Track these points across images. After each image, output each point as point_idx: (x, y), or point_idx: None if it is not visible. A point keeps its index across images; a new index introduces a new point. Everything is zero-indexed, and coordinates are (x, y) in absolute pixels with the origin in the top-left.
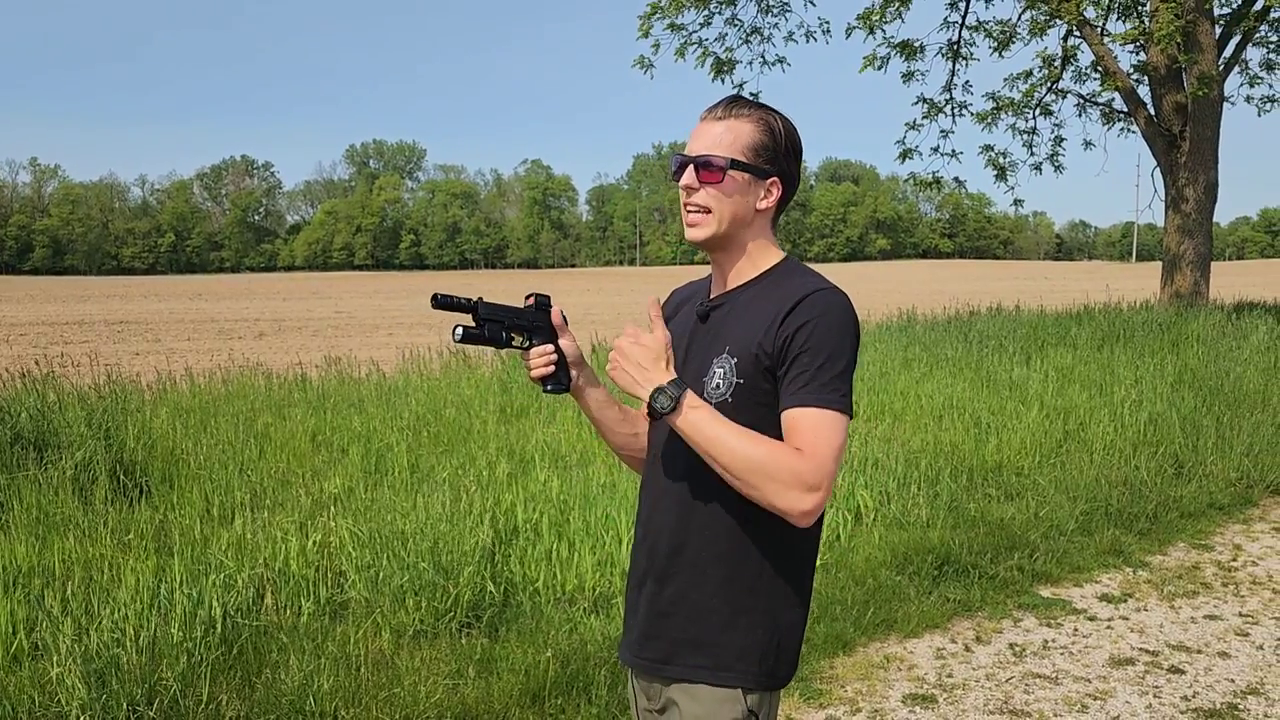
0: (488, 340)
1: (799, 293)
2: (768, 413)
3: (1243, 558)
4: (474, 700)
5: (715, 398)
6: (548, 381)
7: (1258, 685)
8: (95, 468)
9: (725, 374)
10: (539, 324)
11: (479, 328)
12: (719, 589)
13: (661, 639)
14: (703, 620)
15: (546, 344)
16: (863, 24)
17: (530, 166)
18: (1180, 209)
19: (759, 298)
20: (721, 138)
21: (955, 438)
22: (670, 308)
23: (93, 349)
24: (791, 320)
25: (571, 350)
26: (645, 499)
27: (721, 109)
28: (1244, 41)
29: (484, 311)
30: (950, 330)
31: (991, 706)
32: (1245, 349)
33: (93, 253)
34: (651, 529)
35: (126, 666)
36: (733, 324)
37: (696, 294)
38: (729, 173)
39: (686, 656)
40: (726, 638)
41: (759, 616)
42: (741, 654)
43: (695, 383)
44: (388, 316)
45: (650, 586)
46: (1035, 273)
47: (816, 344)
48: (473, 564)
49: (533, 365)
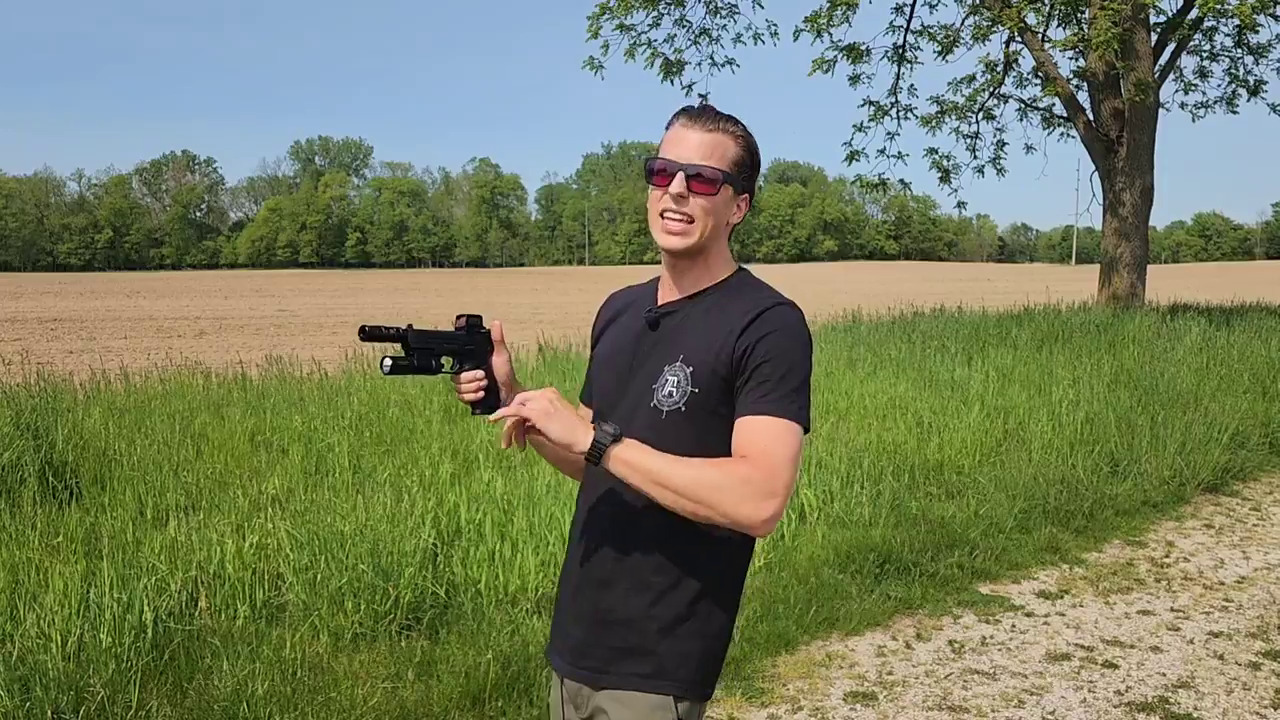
0: (418, 369)
1: (759, 306)
2: (720, 423)
3: (1175, 554)
4: (413, 703)
5: (667, 405)
6: (477, 406)
7: (1188, 679)
8: (23, 469)
9: (679, 382)
10: (470, 347)
11: (409, 357)
12: (660, 597)
13: (600, 646)
14: (643, 628)
15: (477, 369)
16: (810, 27)
17: (479, 165)
18: (1118, 213)
19: (715, 308)
20: (713, 149)
21: (898, 437)
22: (609, 312)
23: (24, 347)
24: (752, 332)
25: (503, 371)
26: (583, 503)
27: (710, 120)
28: (1179, 49)
29: (414, 340)
30: (894, 331)
31: (931, 703)
32: (1179, 350)
33: (27, 249)
34: (590, 534)
35: (52, 673)
36: (688, 333)
37: (639, 299)
38: (721, 186)
39: (625, 665)
40: (666, 645)
41: (698, 624)
42: (681, 661)
43: (644, 390)
44: (332, 315)
45: (588, 593)
46: (978, 274)
47: (777, 357)
48: (414, 565)
49: (462, 390)
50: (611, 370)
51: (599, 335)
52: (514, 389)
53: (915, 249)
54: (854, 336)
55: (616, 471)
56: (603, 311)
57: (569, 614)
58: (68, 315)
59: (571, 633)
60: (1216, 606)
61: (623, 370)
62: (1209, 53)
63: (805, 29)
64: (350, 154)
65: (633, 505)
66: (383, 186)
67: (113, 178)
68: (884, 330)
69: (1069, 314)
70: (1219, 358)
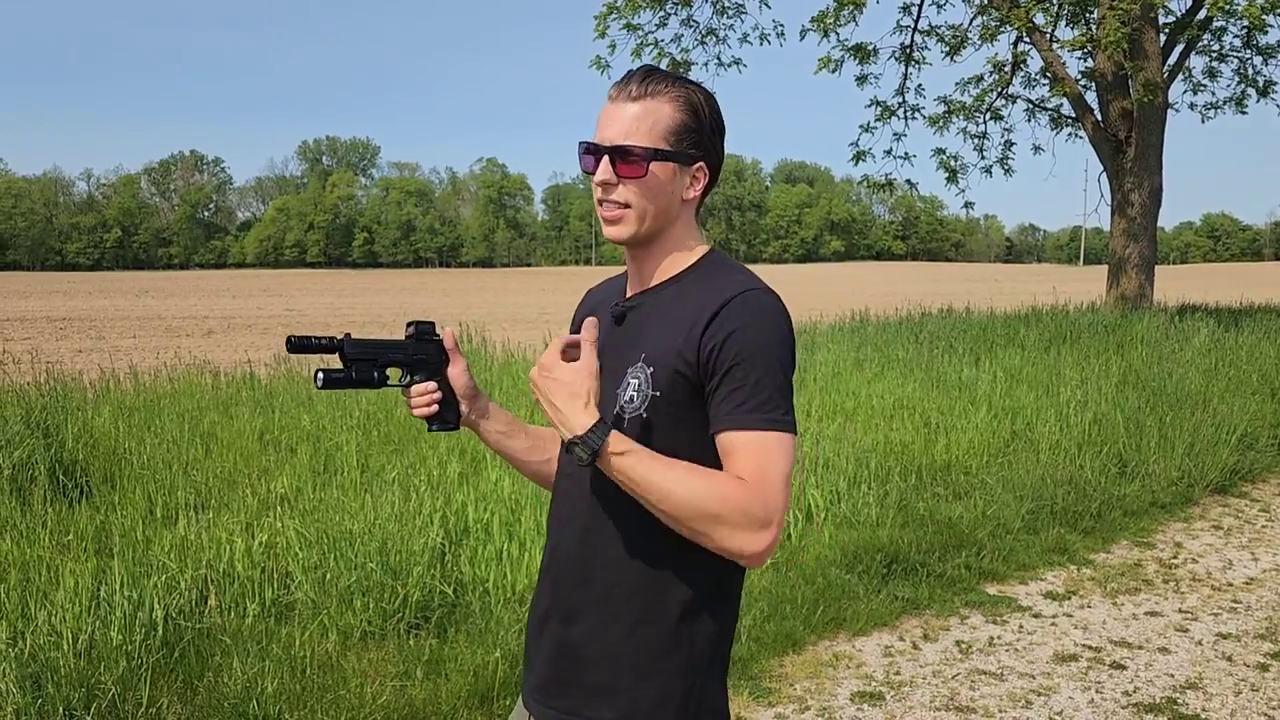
0: (357, 382)
1: (723, 294)
2: (687, 430)
3: (1183, 555)
4: (421, 702)
5: (629, 412)
6: (432, 421)
7: (1196, 680)
8: (34, 467)
9: (640, 385)
10: (420, 356)
11: (346, 369)
12: (632, 629)
13: (571, 686)
14: (615, 665)
15: (429, 380)
16: (817, 27)
17: (485, 165)
18: (1126, 213)
19: (679, 297)
20: (639, 122)
21: (905, 437)
22: (585, 310)
23: (34, 346)
24: (718, 327)
25: (461, 381)
26: (552, 526)
27: (635, 86)
28: (1188, 49)
29: (351, 350)
30: (902, 331)
31: (938, 703)
32: (1187, 351)
33: (36, 248)
34: (557, 559)
35: (64, 670)
36: (650, 328)
37: (614, 293)
38: (651, 165)
39: (597, 707)
40: (642, 686)
41: (679, 660)
42: (660, 704)
43: (609, 393)
44: (339, 315)
45: (555, 625)
46: (986, 275)
47: (750, 355)
48: (422, 564)
49: (414, 404)
50: None
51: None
52: (476, 400)
53: (922, 249)
54: (861, 337)
55: (608, 467)
56: (580, 307)
57: (535, 645)
58: (77, 314)
59: (540, 666)
60: (1225, 608)
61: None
62: (1218, 53)
63: (812, 29)
64: (357, 154)
65: (601, 525)
66: (390, 186)
67: (121, 177)
68: (891, 331)
69: (1077, 315)
70: (1228, 359)
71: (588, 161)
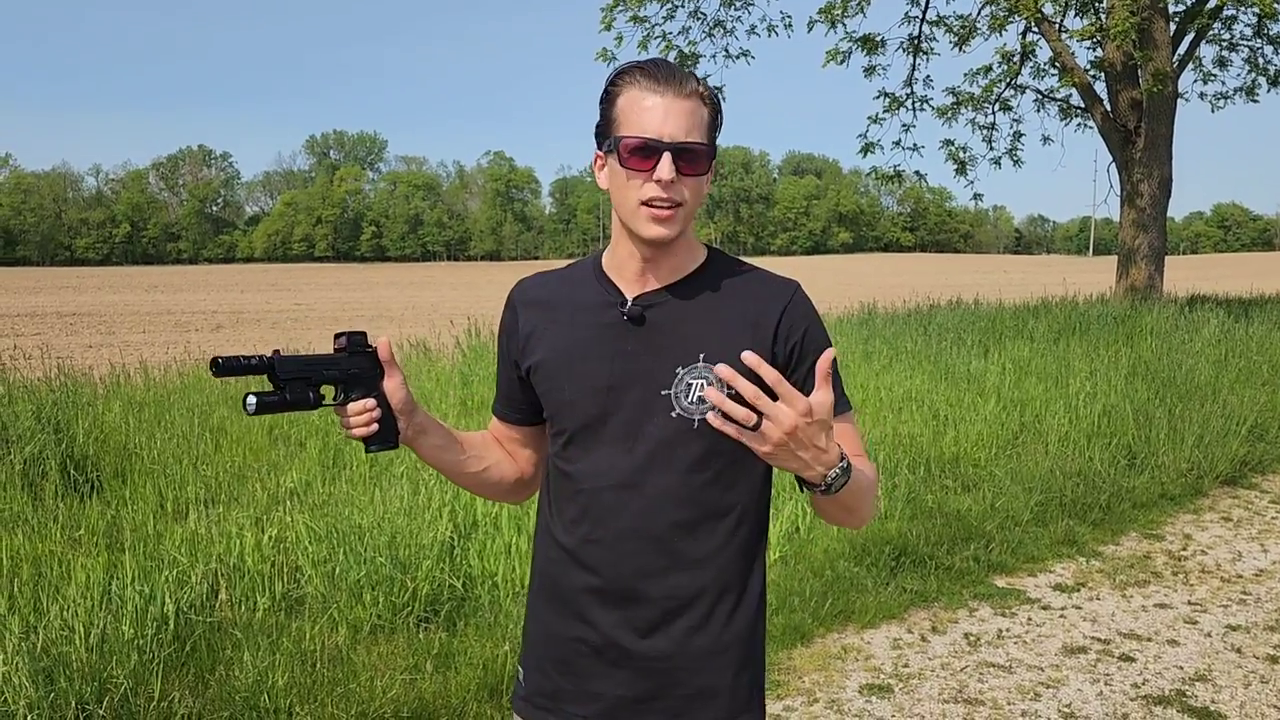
0: (291, 405)
1: (781, 292)
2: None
3: (1192, 547)
4: (431, 695)
5: (698, 413)
6: (371, 442)
7: (1205, 672)
8: (45, 462)
9: (711, 384)
10: (355, 371)
11: (278, 391)
12: (725, 626)
13: (662, 699)
14: (713, 665)
15: (366, 397)
16: (824, 18)
17: (493, 158)
18: (1135, 204)
19: (720, 297)
20: (695, 120)
21: (914, 429)
22: (535, 310)
23: (44, 341)
24: (790, 324)
25: (399, 396)
26: (596, 545)
27: (679, 82)
28: (1198, 39)
29: (282, 370)
30: (910, 323)
31: (946, 696)
32: (1197, 342)
33: (45, 243)
34: (621, 575)
35: (76, 664)
36: (697, 327)
37: (576, 290)
38: (711, 163)
39: (698, 712)
40: (739, 679)
41: (758, 646)
42: (753, 690)
43: (651, 397)
44: (348, 309)
45: (627, 643)
46: (995, 266)
47: (820, 345)
48: (431, 558)
49: (351, 424)
50: (585, 380)
51: (527, 338)
52: (414, 415)
53: (931, 241)
54: (869, 329)
55: (845, 496)
56: (521, 309)
57: (589, 673)
58: (86, 309)
59: (609, 691)
60: (1234, 600)
61: (600, 378)
62: (1228, 42)
63: (820, 20)
64: (365, 148)
65: (679, 530)
66: (397, 180)
67: (130, 172)
68: (900, 322)
69: (1086, 306)
70: (1237, 349)
71: (638, 159)
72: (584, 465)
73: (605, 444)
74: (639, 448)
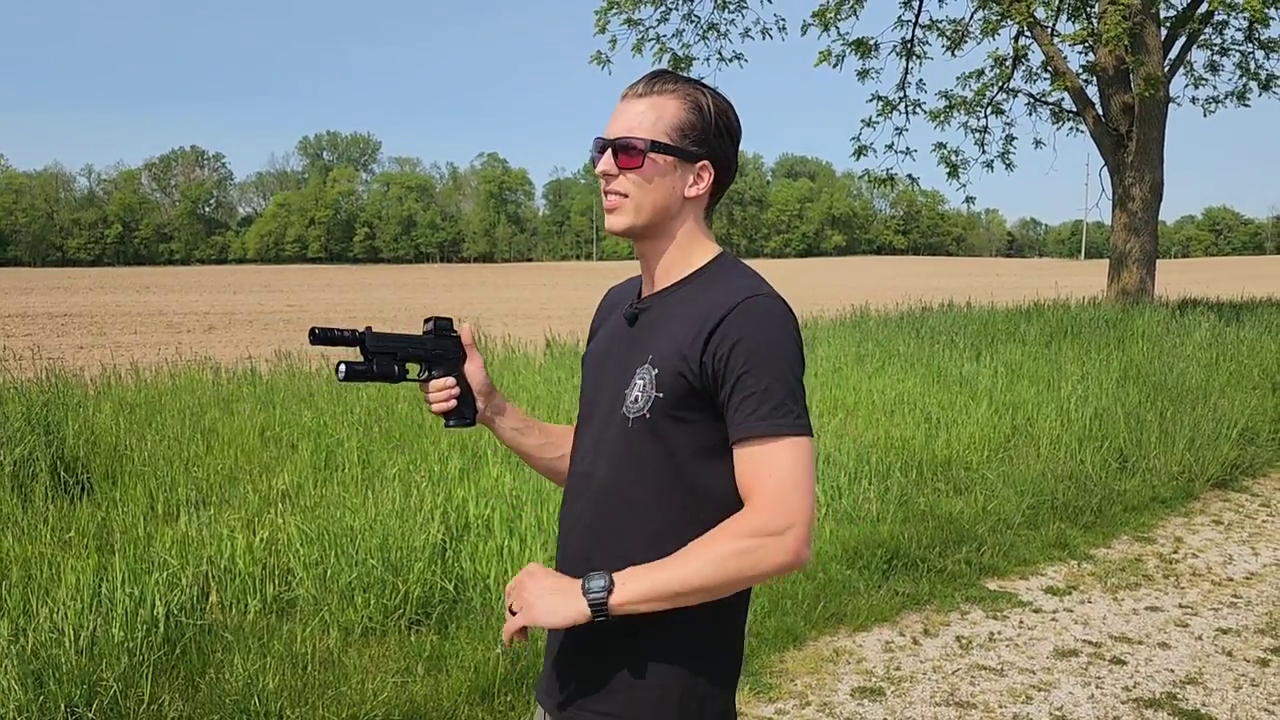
0: (377, 376)
1: (729, 300)
2: (684, 430)
3: (1183, 550)
4: (422, 698)
5: (633, 412)
6: (450, 416)
7: (1196, 675)
8: (35, 464)
9: (645, 386)
10: (439, 352)
11: (366, 362)
12: (631, 625)
13: (572, 680)
14: (610, 660)
15: (447, 376)
16: (818, 21)
17: (487, 160)
18: (1127, 207)
19: (687, 301)
20: (643, 117)
21: (906, 433)
22: (604, 310)
23: (35, 342)
24: (723, 334)
25: (478, 378)
26: (563, 523)
27: (643, 85)
28: (1189, 43)
29: (371, 344)
30: (903, 326)
31: (938, 698)
32: (1188, 345)
33: (36, 244)
34: (567, 556)
35: (65, 667)
36: (659, 330)
37: (631, 293)
38: (649, 156)
39: (598, 702)
40: (638, 684)
41: (678, 659)
42: (658, 702)
43: (617, 395)
44: (340, 310)
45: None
46: (987, 269)
47: (757, 362)
48: (423, 560)
49: (432, 400)
50: (594, 372)
51: (594, 332)
52: (492, 397)
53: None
54: (862, 332)
55: (634, 613)
56: (601, 307)
57: (550, 639)
58: (78, 310)
59: (549, 659)
60: (1225, 603)
61: (601, 372)
62: (1219, 47)
63: (813, 23)
64: (358, 149)
65: (604, 519)
66: (391, 182)
67: (122, 173)
68: (892, 325)
69: (1078, 309)
70: (1228, 353)
71: (597, 157)
72: (575, 451)
73: (585, 435)
74: (601, 440)
